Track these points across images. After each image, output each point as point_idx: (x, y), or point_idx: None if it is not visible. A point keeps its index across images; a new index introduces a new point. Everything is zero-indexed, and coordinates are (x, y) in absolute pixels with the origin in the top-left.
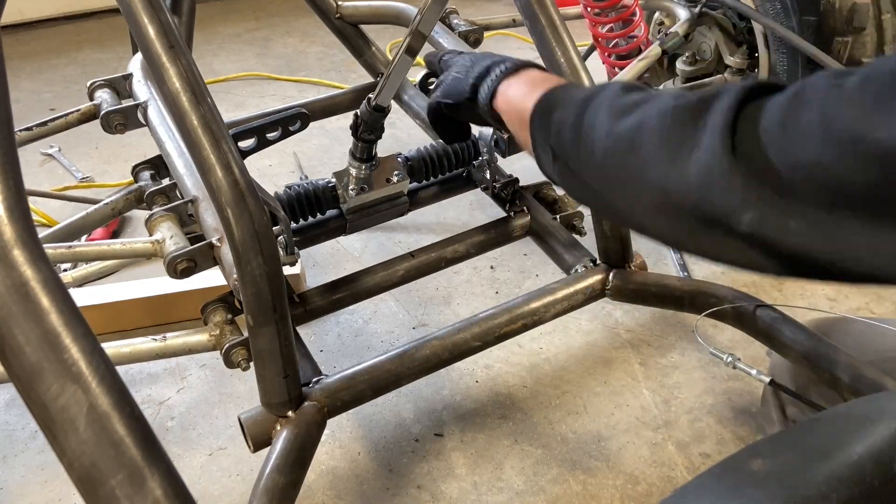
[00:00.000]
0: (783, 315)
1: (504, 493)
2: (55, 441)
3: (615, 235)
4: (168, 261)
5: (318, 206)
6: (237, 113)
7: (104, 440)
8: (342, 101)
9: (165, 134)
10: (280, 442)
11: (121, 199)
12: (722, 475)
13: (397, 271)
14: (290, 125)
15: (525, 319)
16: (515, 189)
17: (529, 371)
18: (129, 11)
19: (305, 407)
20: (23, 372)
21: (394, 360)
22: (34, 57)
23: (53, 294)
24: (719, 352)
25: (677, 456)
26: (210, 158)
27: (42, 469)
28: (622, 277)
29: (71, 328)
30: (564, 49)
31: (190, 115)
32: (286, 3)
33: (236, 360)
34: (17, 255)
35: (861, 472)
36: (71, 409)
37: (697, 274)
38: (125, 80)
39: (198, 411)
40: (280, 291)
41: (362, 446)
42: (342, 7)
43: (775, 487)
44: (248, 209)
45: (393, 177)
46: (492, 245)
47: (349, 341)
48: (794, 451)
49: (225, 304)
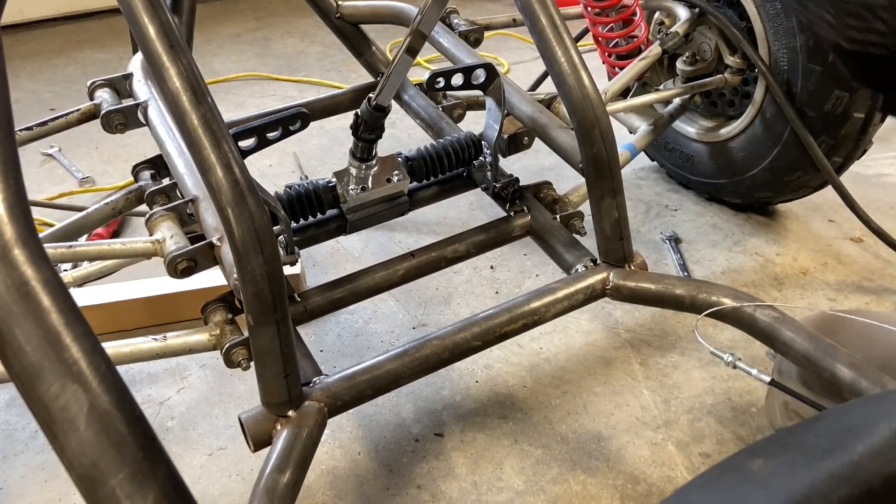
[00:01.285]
0: (783, 315)
1: (504, 493)
2: (55, 440)
3: (616, 235)
4: (168, 260)
5: (319, 206)
6: (237, 113)
7: (105, 440)
8: (342, 101)
9: (165, 133)
10: (280, 442)
11: (121, 199)
12: (721, 475)
13: (397, 271)
14: (290, 125)
15: (525, 319)
16: (515, 189)
17: (529, 371)
18: (129, 11)
19: (306, 406)
20: (23, 371)
21: (394, 359)
22: (34, 57)
23: (54, 294)
24: (720, 351)
25: (677, 456)
26: (210, 158)
27: (42, 469)
28: (622, 277)
29: (71, 328)
30: (565, 49)
31: (190, 115)
32: (286, 3)
33: (236, 359)
34: (18, 255)
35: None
36: (71, 408)
37: (697, 274)
38: (125, 79)
39: (198, 411)
40: (280, 291)
41: (362, 446)
42: (342, 7)
43: (775, 487)
44: (249, 209)
45: (393, 176)
46: (492, 245)
47: (349, 341)
48: (794, 450)
49: (225, 303)
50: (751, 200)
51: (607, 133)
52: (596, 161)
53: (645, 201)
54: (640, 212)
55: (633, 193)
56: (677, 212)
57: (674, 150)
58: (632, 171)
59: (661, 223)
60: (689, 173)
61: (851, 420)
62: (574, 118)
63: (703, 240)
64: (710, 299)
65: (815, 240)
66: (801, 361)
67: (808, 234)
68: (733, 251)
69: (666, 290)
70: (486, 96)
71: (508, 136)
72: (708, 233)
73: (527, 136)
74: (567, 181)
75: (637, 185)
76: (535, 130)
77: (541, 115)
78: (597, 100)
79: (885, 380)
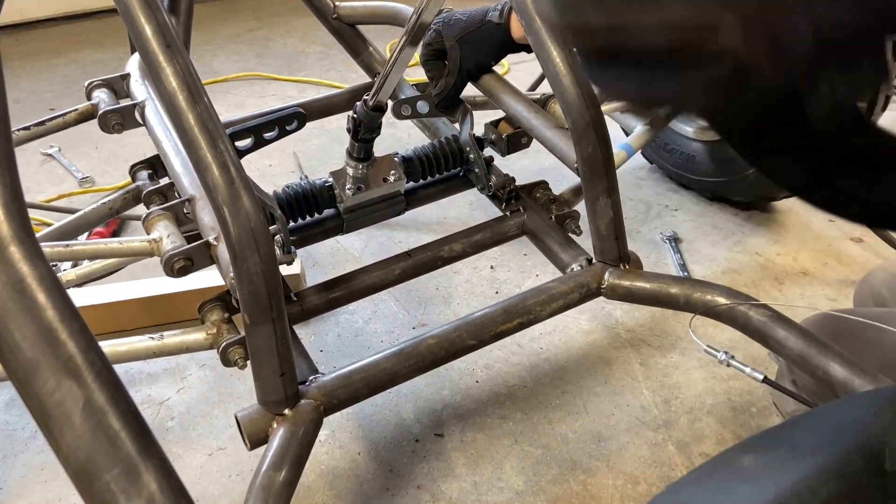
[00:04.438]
0: (777, 314)
1: (504, 493)
2: (51, 436)
3: (611, 235)
4: (165, 259)
5: (316, 206)
6: (237, 113)
7: (100, 435)
8: (339, 101)
9: (163, 133)
10: (277, 440)
11: (118, 199)
12: (713, 471)
13: (394, 270)
14: (286, 125)
15: (521, 318)
16: (511, 188)
17: (529, 371)
18: (126, 11)
19: (302, 405)
20: (19, 368)
21: (390, 358)
22: (34, 57)
23: (49, 290)
24: (713, 349)
25: (677, 456)
26: (206, 158)
27: (42, 469)
28: (618, 276)
29: (67, 324)
30: (560, 49)
31: (186, 115)
32: (286, 3)
33: (233, 358)
34: (14, 252)
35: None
36: (67, 403)
37: (697, 274)
38: (123, 79)
39: (198, 411)
40: (276, 290)
41: (362, 446)
42: (339, 7)
43: (765, 483)
44: (245, 208)
45: (390, 176)
46: (488, 244)
47: (349, 341)
48: (785, 446)
49: (222, 302)
50: (754, 198)
51: (602, 133)
52: (591, 161)
53: (645, 201)
54: (640, 212)
55: (633, 193)
56: (677, 212)
57: (673, 150)
58: (631, 171)
59: (661, 223)
60: (690, 173)
61: (841, 416)
62: (569, 118)
63: (704, 240)
64: (704, 298)
65: (815, 240)
66: (794, 360)
67: (808, 233)
68: (733, 251)
69: (660, 290)
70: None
71: (507, 136)
72: (708, 233)
73: (525, 136)
74: (567, 181)
75: (637, 185)
76: (531, 131)
77: (536, 115)
78: (592, 100)
79: (879, 378)
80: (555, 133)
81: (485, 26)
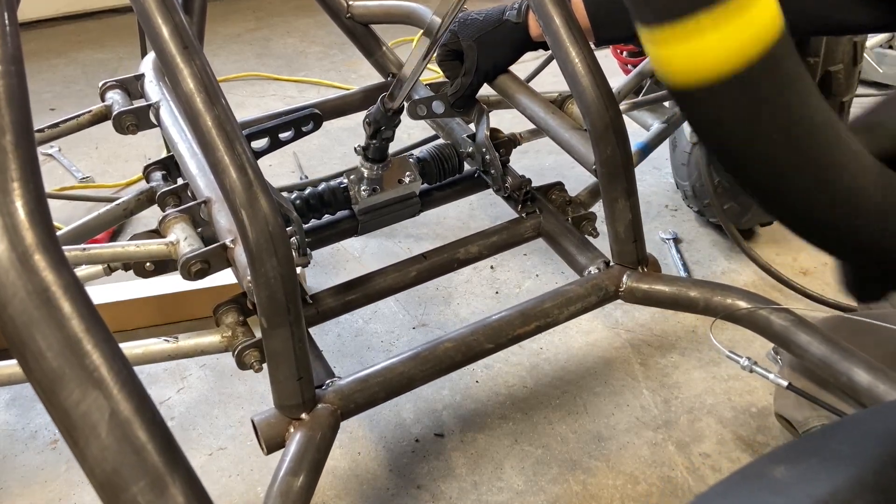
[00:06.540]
0: (799, 318)
1: (504, 493)
2: (76, 447)
3: (629, 237)
4: (182, 262)
5: (330, 207)
6: (238, 113)
7: (126, 446)
8: (353, 101)
9: (178, 135)
10: (294, 444)
11: (133, 200)
12: (742, 483)
13: (409, 273)
14: (302, 126)
15: (538, 321)
16: (527, 190)
17: (529, 371)
18: (143, 12)
19: (319, 409)
20: (44, 378)
21: (407, 362)
22: (34, 57)
23: (75, 299)
24: (736, 355)
25: (677, 456)
26: (224, 160)
27: (42, 469)
28: (636, 279)
29: (92, 333)
30: (579, 49)
31: (204, 116)
32: (286, 3)
33: (249, 361)
34: (39, 260)
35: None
36: (93, 415)
37: (697, 274)
38: (137, 80)
39: (198, 411)
40: (294, 293)
41: (362, 446)
42: (353, 7)
43: (798, 495)
44: (263, 211)
45: (405, 178)
46: (504, 246)
47: (349, 341)
48: (816, 457)
49: (237, 305)
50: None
51: (621, 134)
52: (610, 162)
53: (645, 201)
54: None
55: None
56: (677, 212)
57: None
58: None
59: (661, 223)
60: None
61: (873, 426)
62: (588, 119)
63: (704, 240)
64: (724, 302)
65: None
66: (817, 365)
67: None
68: (734, 251)
69: (680, 293)
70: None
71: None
72: (708, 232)
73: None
74: (567, 181)
75: (636, 184)
76: (548, 132)
77: (553, 116)
78: (611, 101)
79: None
80: (572, 134)
81: (502, 26)
